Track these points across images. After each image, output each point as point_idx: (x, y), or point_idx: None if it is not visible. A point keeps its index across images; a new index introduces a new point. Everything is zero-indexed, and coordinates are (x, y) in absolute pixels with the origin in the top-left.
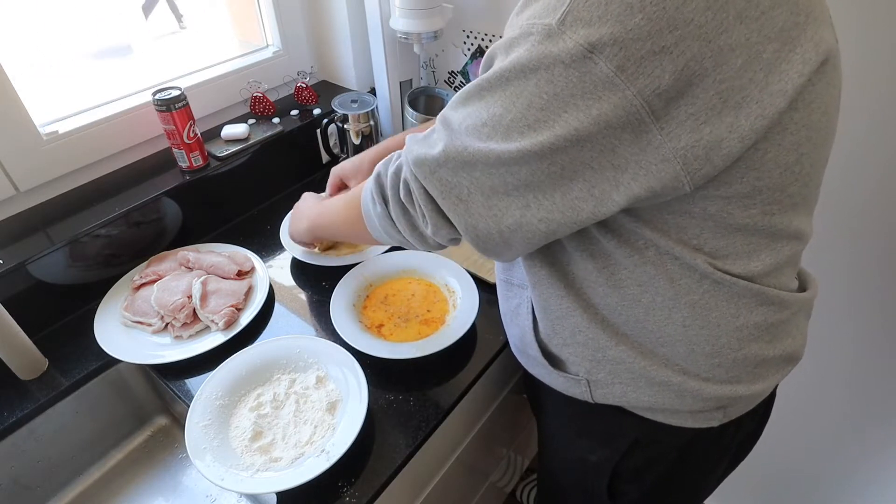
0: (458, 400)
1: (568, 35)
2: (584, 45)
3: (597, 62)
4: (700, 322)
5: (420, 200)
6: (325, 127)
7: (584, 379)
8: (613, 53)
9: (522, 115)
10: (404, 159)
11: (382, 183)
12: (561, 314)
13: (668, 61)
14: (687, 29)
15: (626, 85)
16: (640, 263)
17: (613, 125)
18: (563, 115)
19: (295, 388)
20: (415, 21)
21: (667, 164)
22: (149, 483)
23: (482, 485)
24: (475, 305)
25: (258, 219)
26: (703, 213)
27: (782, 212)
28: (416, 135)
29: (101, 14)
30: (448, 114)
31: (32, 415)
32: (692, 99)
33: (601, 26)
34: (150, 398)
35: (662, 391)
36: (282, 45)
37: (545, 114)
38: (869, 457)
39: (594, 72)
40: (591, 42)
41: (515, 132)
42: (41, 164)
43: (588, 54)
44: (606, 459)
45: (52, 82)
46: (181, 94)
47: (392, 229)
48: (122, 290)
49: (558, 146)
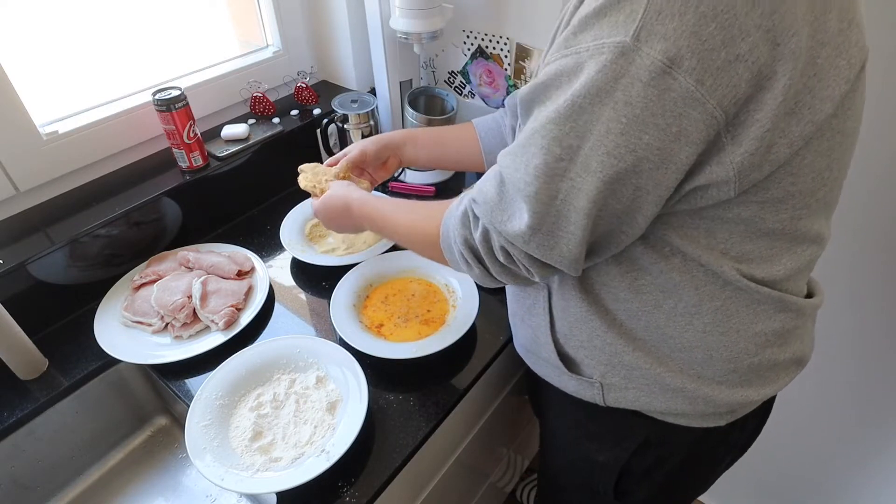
0: (458, 400)
1: (644, 51)
2: (663, 61)
3: (676, 77)
4: (720, 328)
5: (523, 261)
6: (325, 127)
7: (597, 382)
8: (692, 66)
9: (600, 143)
10: (491, 228)
11: (474, 248)
12: (580, 317)
13: (744, 69)
14: (758, 34)
15: (706, 97)
16: (666, 270)
17: (694, 140)
18: (644, 138)
19: (295, 388)
20: (415, 21)
21: (722, 167)
22: (149, 483)
23: (482, 485)
24: (475, 305)
25: (258, 219)
26: (736, 217)
27: (809, 216)
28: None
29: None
30: (516, 164)
31: (32, 415)
32: (760, 105)
33: (678, 39)
34: (150, 398)
35: (675, 397)
36: (282, 45)
37: (625, 139)
38: (869, 457)
39: (674, 87)
40: (670, 57)
41: (595, 161)
42: (41, 164)
43: (667, 69)
44: (615, 459)
45: (52, 82)
46: (181, 94)
47: (493, 282)
48: (122, 290)
49: (641, 170)
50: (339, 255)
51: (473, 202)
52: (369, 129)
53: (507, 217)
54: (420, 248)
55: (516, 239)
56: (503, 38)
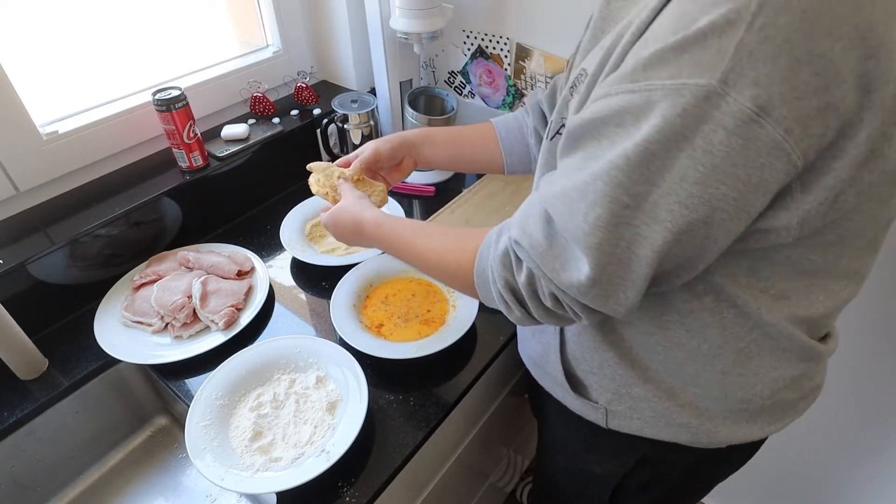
0: (458, 400)
1: (732, 96)
2: (752, 108)
3: (764, 125)
4: (739, 370)
5: (574, 308)
6: (325, 127)
7: (602, 407)
8: (783, 115)
9: (672, 192)
10: (540, 275)
11: (517, 292)
12: (594, 344)
13: (833, 117)
14: (852, 81)
15: (793, 147)
16: (696, 309)
17: (771, 190)
18: (721, 189)
19: (295, 388)
20: (415, 21)
21: (786, 213)
22: (149, 483)
23: (482, 485)
24: (475, 305)
25: (258, 219)
26: (783, 258)
27: (856, 256)
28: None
29: (101, 14)
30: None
31: (32, 415)
32: (839, 153)
33: (770, 84)
34: (150, 398)
35: (679, 431)
36: (282, 45)
37: (700, 189)
38: (869, 458)
39: (760, 137)
40: (760, 104)
41: (664, 210)
42: (41, 164)
43: (756, 118)
44: (612, 473)
45: (52, 82)
46: (181, 94)
47: (532, 323)
48: (122, 290)
49: (714, 220)
50: (339, 255)
51: (516, 244)
52: (369, 129)
53: (561, 265)
54: (447, 280)
55: (571, 289)
56: (503, 38)
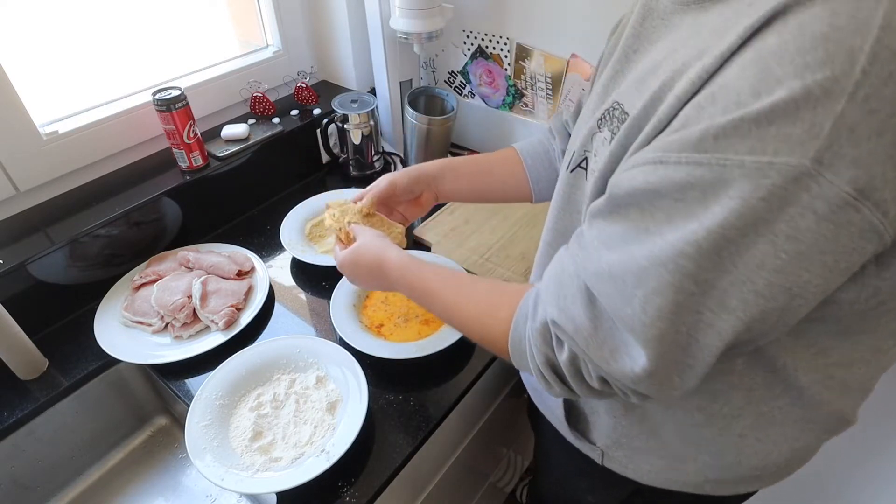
0: (458, 400)
1: (828, 177)
2: (850, 192)
3: (861, 209)
4: (758, 434)
5: (626, 392)
6: (325, 127)
7: (599, 449)
8: (883, 198)
9: (747, 279)
10: (586, 359)
11: (558, 370)
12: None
13: None
14: None
15: (887, 229)
16: (725, 371)
17: (855, 270)
18: (804, 276)
19: (295, 388)
20: (415, 21)
21: (856, 287)
22: (149, 483)
23: (482, 485)
24: None
25: (258, 219)
26: (836, 320)
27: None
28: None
29: (102, 14)
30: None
31: (32, 415)
32: None
33: (872, 165)
34: (150, 398)
35: (678, 486)
36: (282, 45)
37: (780, 277)
38: (869, 458)
39: (855, 221)
40: (860, 187)
41: (735, 299)
42: (41, 164)
43: (853, 202)
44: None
45: (52, 82)
46: (181, 94)
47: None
48: (122, 290)
49: (791, 307)
50: None
51: (556, 325)
52: (369, 129)
53: (610, 353)
54: (478, 342)
55: (624, 378)
56: (503, 38)
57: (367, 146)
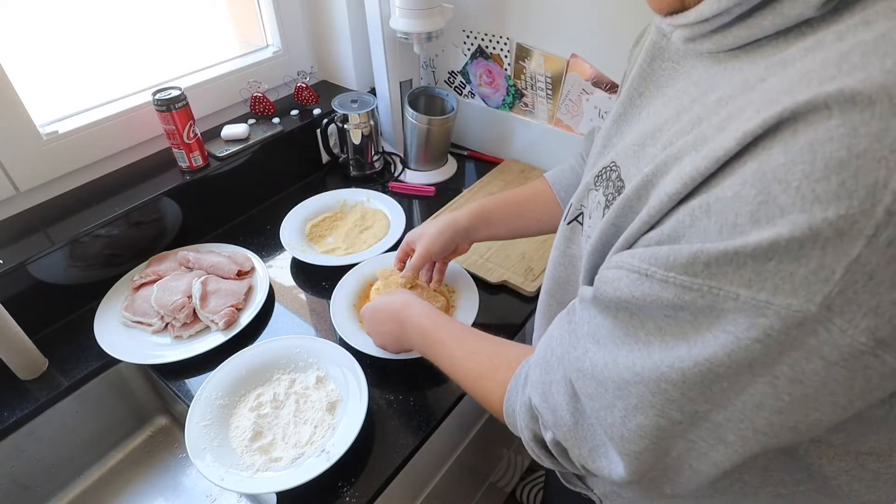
0: (458, 400)
1: (838, 325)
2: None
3: (881, 356)
4: None
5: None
6: (325, 127)
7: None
8: None
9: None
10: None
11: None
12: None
13: None
14: None
15: None
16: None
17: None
18: (812, 416)
19: (295, 388)
20: (415, 21)
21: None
22: (149, 483)
23: (482, 485)
24: (475, 305)
25: (258, 219)
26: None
27: None
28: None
29: (101, 14)
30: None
31: (32, 415)
32: None
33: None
34: (150, 398)
35: None
36: (282, 45)
37: (784, 417)
38: None
39: (874, 367)
40: (880, 337)
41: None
42: (41, 164)
43: (871, 351)
44: None
45: (52, 82)
46: (181, 94)
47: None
48: (122, 290)
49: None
50: (339, 255)
51: (538, 411)
52: (369, 129)
53: (589, 452)
54: (477, 400)
55: (605, 479)
56: (503, 38)
57: (367, 146)
